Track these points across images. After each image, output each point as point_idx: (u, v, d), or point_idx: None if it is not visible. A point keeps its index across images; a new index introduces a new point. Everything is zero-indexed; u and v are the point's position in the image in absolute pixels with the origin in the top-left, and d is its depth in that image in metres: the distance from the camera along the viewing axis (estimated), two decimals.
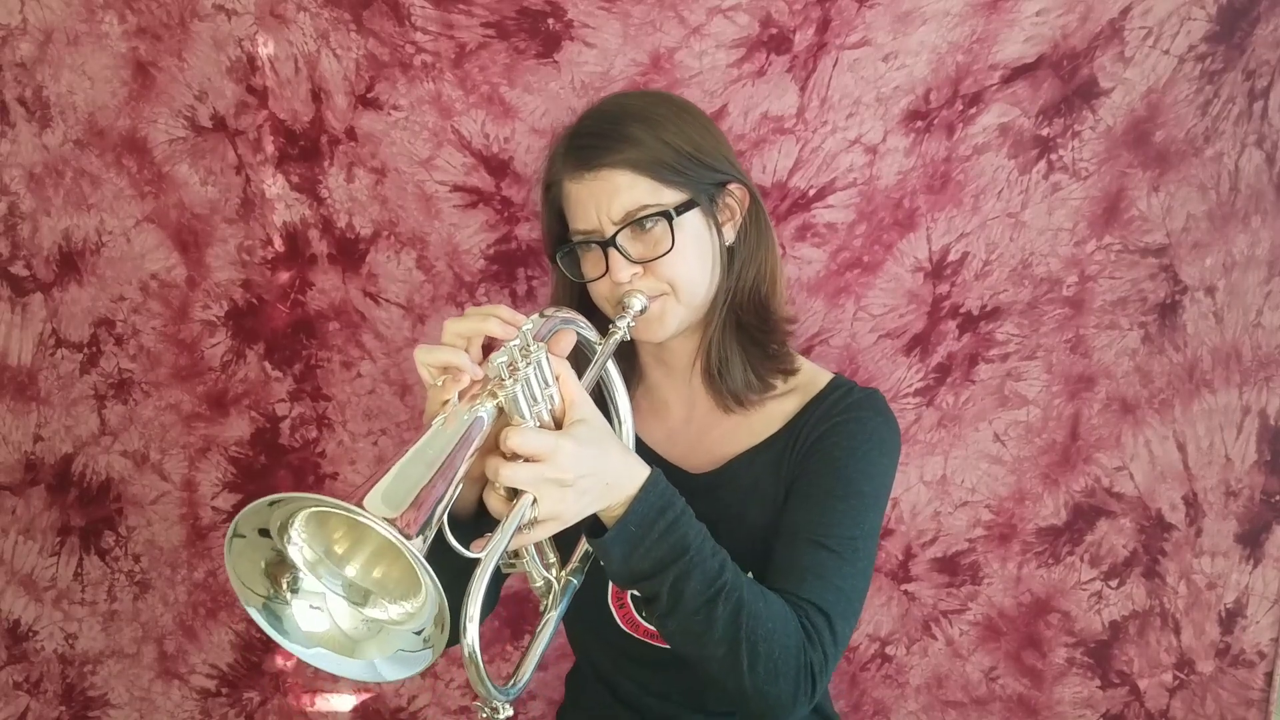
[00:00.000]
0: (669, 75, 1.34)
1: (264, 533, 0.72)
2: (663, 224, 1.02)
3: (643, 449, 1.16)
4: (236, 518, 0.70)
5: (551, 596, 0.95)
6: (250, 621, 1.56)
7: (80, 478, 1.51)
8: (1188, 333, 1.41)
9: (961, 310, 1.42)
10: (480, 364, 0.85)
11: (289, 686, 1.60)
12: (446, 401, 0.83)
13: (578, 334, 0.99)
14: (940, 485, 1.48)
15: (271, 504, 0.69)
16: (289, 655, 1.59)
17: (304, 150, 1.39)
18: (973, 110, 1.35)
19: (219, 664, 1.58)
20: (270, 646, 1.58)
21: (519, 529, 0.81)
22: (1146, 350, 1.42)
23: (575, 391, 0.88)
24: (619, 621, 1.13)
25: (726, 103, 1.35)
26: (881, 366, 1.45)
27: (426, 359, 0.85)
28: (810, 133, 1.36)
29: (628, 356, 1.19)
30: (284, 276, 1.45)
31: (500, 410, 0.82)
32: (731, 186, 1.08)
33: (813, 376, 1.15)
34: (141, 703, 1.59)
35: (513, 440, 0.81)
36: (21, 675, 1.58)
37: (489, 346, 0.86)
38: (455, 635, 0.73)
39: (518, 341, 0.83)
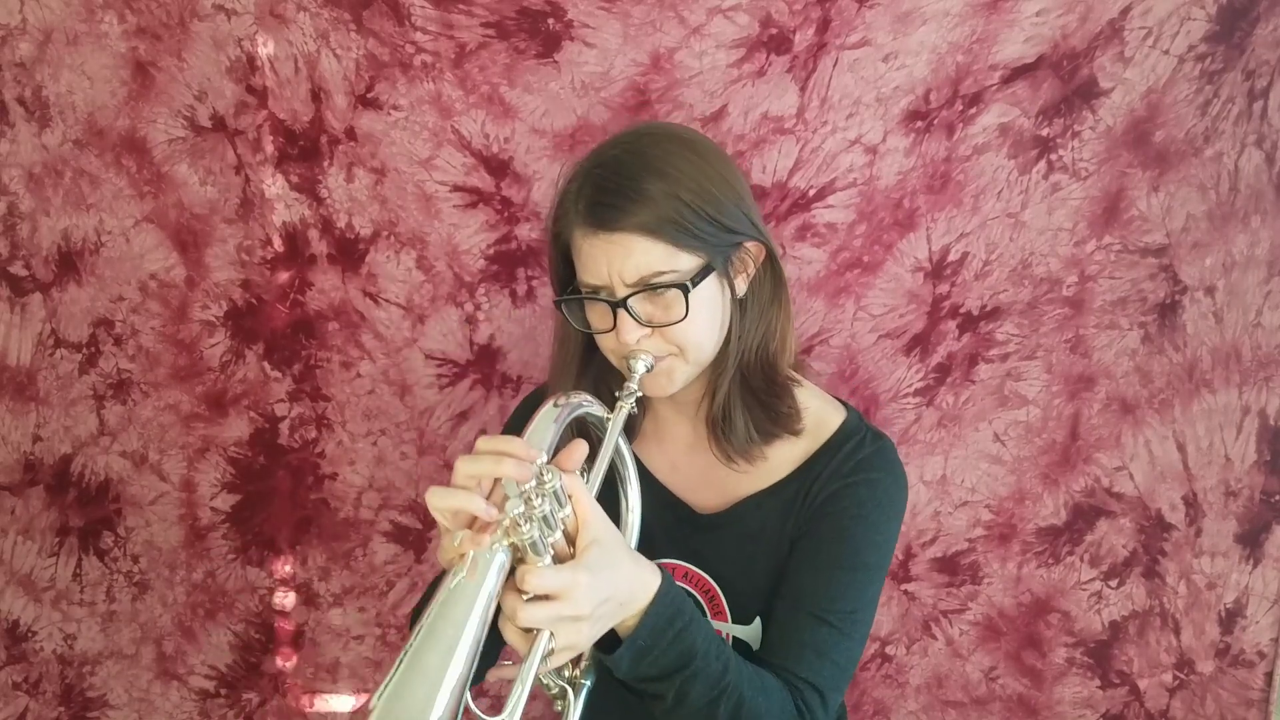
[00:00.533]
0: (669, 75, 1.34)
1: None
2: (676, 292, 0.98)
3: (648, 478, 1.15)
4: None
5: (568, 701, 0.95)
6: (249, 622, 1.56)
7: (79, 478, 1.51)
8: (1188, 333, 1.41)
9: (961, 310, 1.42)
10: (491, 495, 0.83)
11: (288, 687, 1.60)
12: (462, 555, 0.80)
13: (587, 414, 0.97)
14: (940, 485, 1.48)
15: None
16: (288, 656, 1.59)
17: (304, 150, 1.39)
18: (973, 110, 1.35)
19: (218, 665, 1.58)
20: (269, 647, 1.58)
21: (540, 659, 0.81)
22: (1146, 350, 1.42)
23: (589, 510, 0.86)
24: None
25: (726, 103, 1.35)
26: (881, 366, 1.45)
27: (439, 504, 0.82)
28: (810, 133, 1.36)
29: None
30: (283, 276, 1.44)
31: (516, 548, 0.82)
32: (748, 244, 1.04)
33: (821, 420, 1.11)
34: (140, 703, 1.59)
35: (530, 583, 0.80)
36: (20, 676, 1.58)
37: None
38: None
39: (532, 484, 0.81)
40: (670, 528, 1.13)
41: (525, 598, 0.80)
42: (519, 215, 1.40)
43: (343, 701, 1.61)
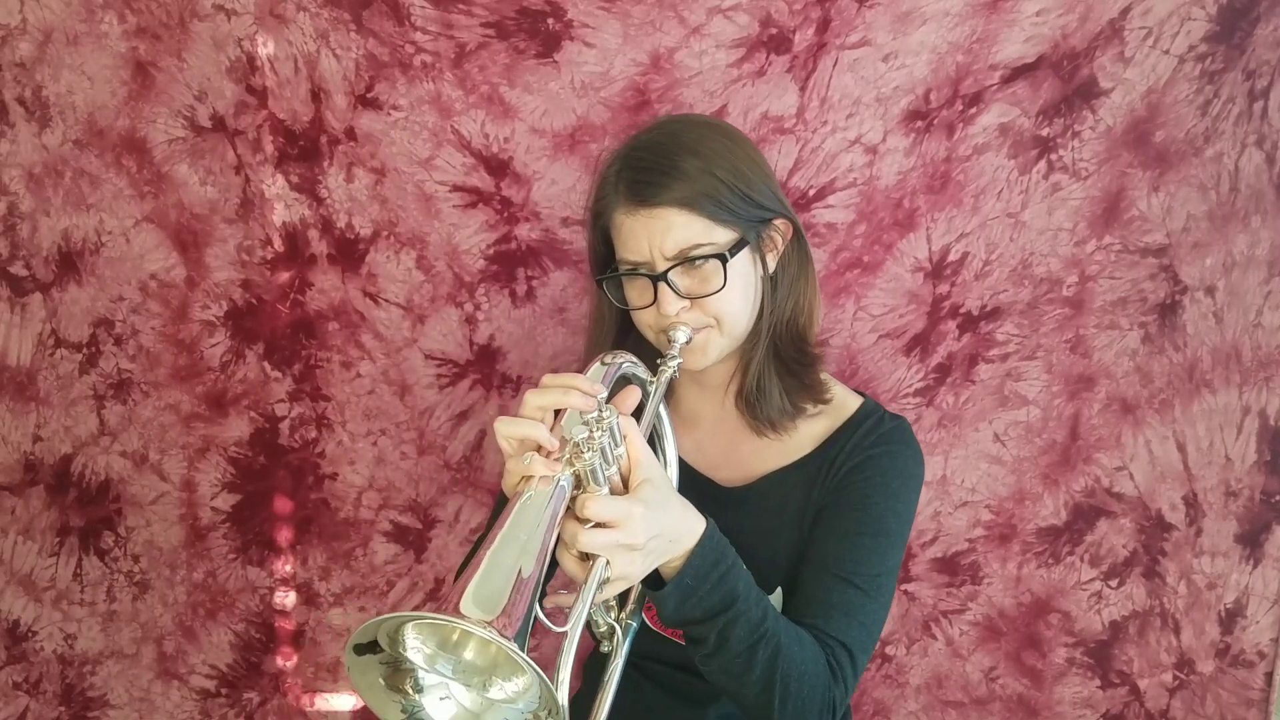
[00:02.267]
0: (669, 75, 1.34)
1: (367, 648, 0.76)
2: (714, 263, 1.03)
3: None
4: (349, 651, 0.75)
5: (615, 640, 1.01)
6: (249, 621, 1.57)
7: (79, 478, 1.51)
8: (1188, 333, 1.41)
9: (961, 310, 1.42)
10: (553, 429, 0.88)
11: (288, 687, 1.60)
12: (528, 478, 0.85)
13: (632, 374, 1.03)
14: (940, 485, 1.48)
15: (379, 625, 0.74)
16: (289, 655, 1.59)
17: (303, 150, 1.39)
18: (973, 110, 1.35)
19: (218, 664, 1.58)
20: (269, 647, 1.58)
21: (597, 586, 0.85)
22: (1146, 350, 1.42)
23: (642, 451, 0.91)
24: (648, 622, 1.17)
25: (726, 103, 1.35)
26: (881, 366, 1.45)
27: (507, 431, 0.88)
28: (810, 133, 1.36)
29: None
30: (283, 276, 1.44)
31: (578, 478, 0.86)
32: (777, 221, 1.10)
33: (843, 400, 1.18)
34: (141, 703, 1.59)
35: (590, 509, 0.84)
36: (21, 675, 1.58)
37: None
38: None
39: (594, 413, 0.87)
40: (696, 504, 1.15)
41: (586, 526, 0.85)
42: (519, 215, 1.40)
43: (343, 701, 1.61)
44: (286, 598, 1.57)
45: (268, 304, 1.45)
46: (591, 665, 1.37)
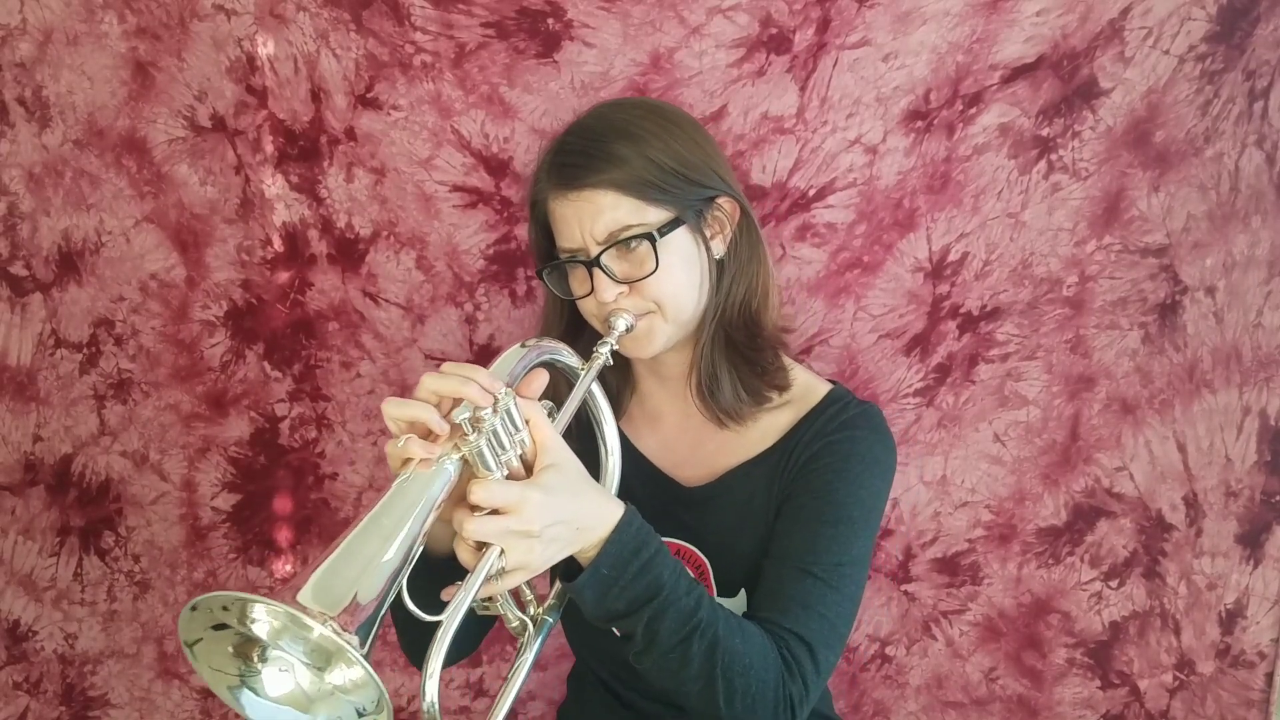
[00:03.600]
0: (669, 75, 1.34)
1: (219, 626, 0.73)
2: (646, 244, 1.01)
3: (637, 458, 1.16)
4: (180, 631, 0.72)
5: (526, 637, 0.95)
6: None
7: (80, 478, 1.51)
8: (1188, 333, 1.41)
9: (961, 310, 1.42)
10: (446, 416, 0.83)
11: None
12: (409, 460, 0.81)
13: (561, 364, 0.99)
14: (940, 485, 1.48)
15: (194, 608, 0.70)
16: None
17: (303, 150, 1.39)
18: (973, 110, 1.35)
19: None
20: None
21: (488, 579, 0.81)
22: (1146, 350, 1.42)
23: (547, 435, 0.87)
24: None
25: (726, 103, 1.35)
26: (881, 367, 1.45)
27: (395, 413, 0.83)
28: (810, 133, 1.36)
29: (621, 366, 1.18)
30: (283, 276, 1.45)
31: (466, 462, 0.82)
32: (720, 200, 1.07)
33: (809, 388, 1.14)
34: (141, 703, 1.59)
35: (477, 494, 0.81)
36: (21, 675, 1.58)
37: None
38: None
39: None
40: (661, 506, 1.13)
41: (478, 513, 0.81)
42: (519, 215, 1.40)
43: None
44: None
45: (268, 304, 1.45)
46: (573, 678, 1.36)
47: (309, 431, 1.50)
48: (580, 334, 1.13)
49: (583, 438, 1.04)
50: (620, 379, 1.18)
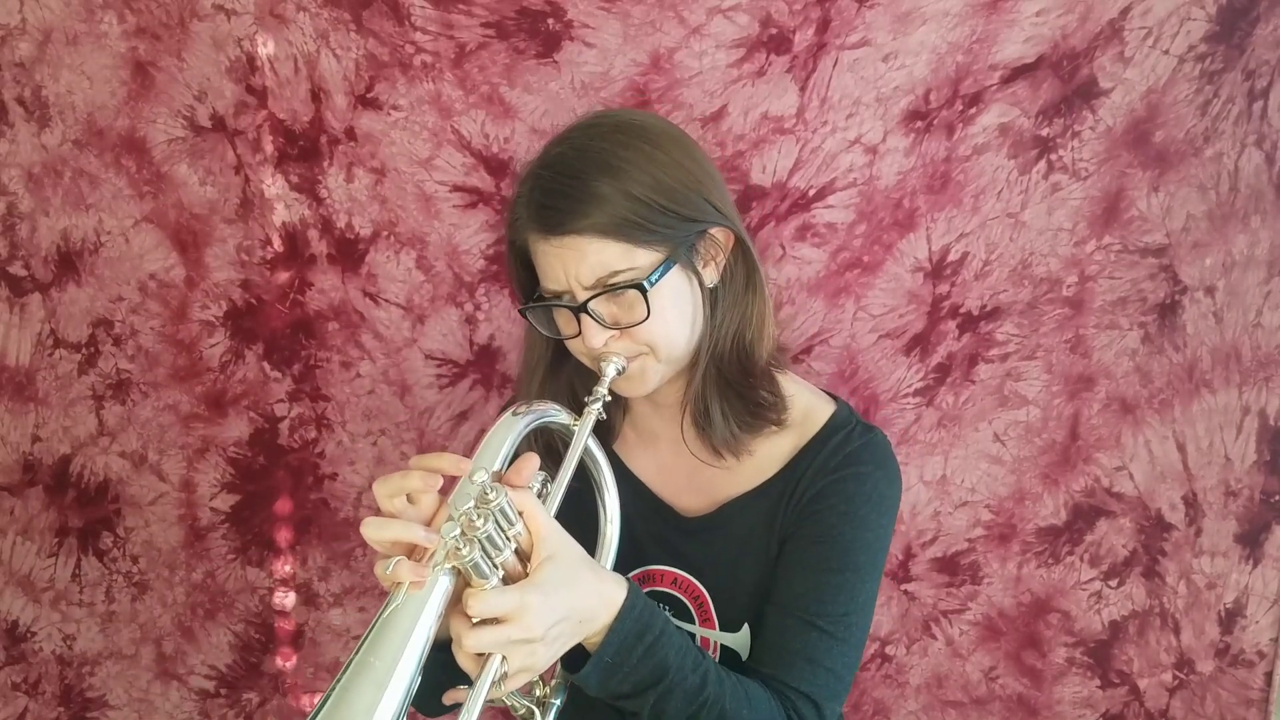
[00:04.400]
0: (669, 75, 1.34)
1: None
2: (635, 292, 0.94)
3: (633, 482, 1.13)
4: None
5: None
6: (249, 622, 1.56)
7: (78, 478, 1.51)
8: (1187, 333, 1.41)
9: (961, 310, 1.42)
10: (436, 513, 0.81)
11: (288, 687, 1.60)
12: (399, 584, 0.77)
13: (555, 424, 0.95)
14: (940, 485, 1.48)
15: None
16: (288, 656, 1.59)
17: (303, 150, 1.38)
18: (973, 110, 1.35)
19: (217, 665, 1.58)
20: (269, 647, 1.58)
21: (492, 683, 0.78)
22: (1146, 350, 1.42)
23: (542, 525, 0.83)
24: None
25: (726, 103, 1.35)
26: (881, 366, 1.45)
27: (375, 536, 0.79)
28: (810, 133, 1.36)
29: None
30: (283, 276, 1.44)
31: (459, 572, 0.79)
32: (713, 231, 1.00)
33: (809, 412, 1.08)
34: (140, 704, 1.59)
35: (473, 608, 0.77)
36: (20, 676, 1.58)
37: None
38: None
39: (470, 503, 0.79)
40: (658, 533, 1.11)
41: (473, 622, 0.78)
42: None
43: None
44: (286, 598, 1.56)
45: (267, 304, 1.45)
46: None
47: (308, 432, 1.50)
48: (564, 364, 1.09)
49: (577, 476, 0.98)
50: (613, 401, 1.11)
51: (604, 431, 1.07)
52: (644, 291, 0.94)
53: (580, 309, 0.96)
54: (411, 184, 1.39)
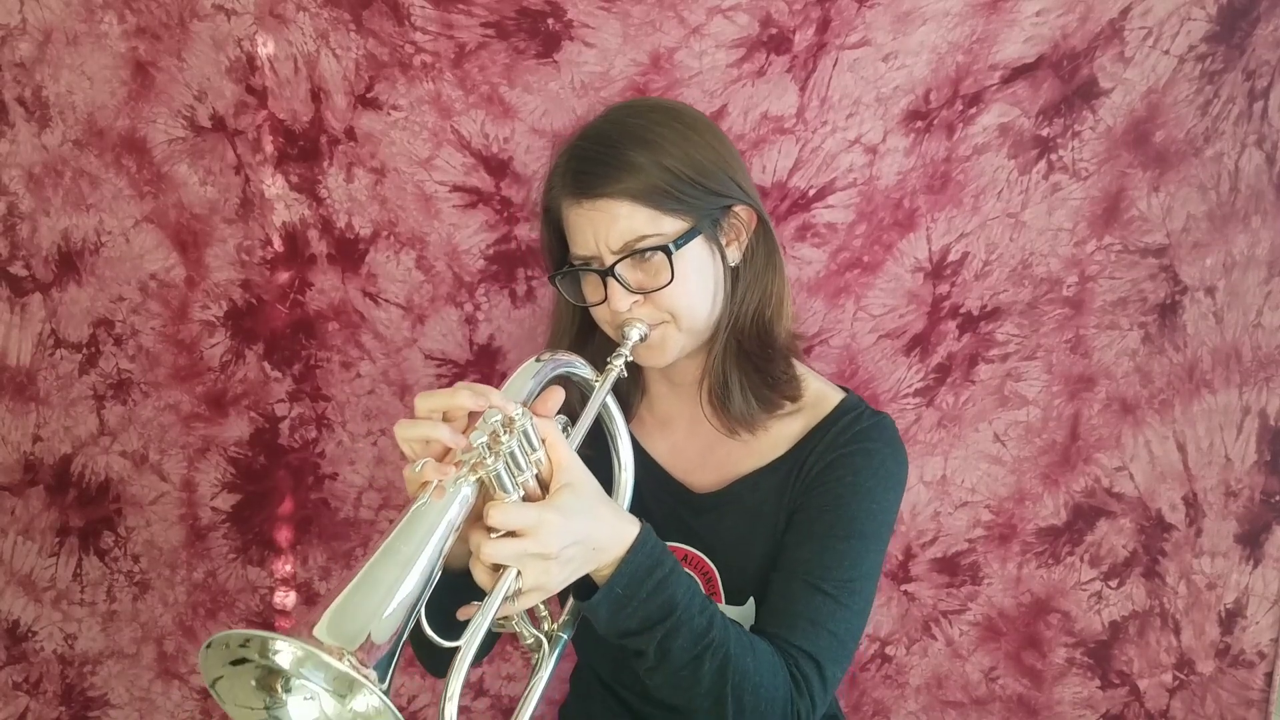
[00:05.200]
0: (669, 75, 1.34)
1: (238, 662, 0.73)
2: (662, 255, 0.99)
3: (647, 462, 1.15)
4: (202, 670, 0.72)
5: (542, 653, 0.95)
6: (250, 621, 1.56)
7: (79, 478, 1.51)
8: (1188, 333, 1.41)
9: (961, 310, 1.42)
10: (465, 432, 0.83)
11: None
12: (425, 484, 0.81)
13: (575, 375, 0.99)
14: (940, 485, 1.48)
15: (209, 646, 0.70)
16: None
17: (303, 150, 1.39)
18: (973, 110, 1.35)
19: None
20: None
21: (505, 600, 0.81)
22: (1146, 350, 1.42)
23: (563, 454, 0.87)
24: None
25: (726, 103, 1.35)
26: (881, 367, 1.45)
27: (406, 434, 0.83)
28: (810, 133, 1.36)
29: (633, 371, 1.16)
30: (283, 277, 1.44)
31: (484, 485, 0.82)
32: (737, 209, 1.05)
33: (821, 396, 1.12)
34: (141, 703, 1.59)
35: (494, 518, 0.80)
36: (21, 676, 1.58)
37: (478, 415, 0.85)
38: None
39: (498, 416, 0.82)
40: (670, 510, 1.13)
41: (494, 535, 0.81)
42: (519, 215, 1.40)
43: None
44: (287, 598, 1.57)
45: (268, 304, 1.45)
46: (576, 677, 1.36)
47: (309, 431, 1.50)
48: (591, 337, 1.13)
49: (594, 444, 1.03)
50: (631, 383, 1.17)
51: (622, 406, 1.10)
52: (669, 255, 0.99)
53: (607, 272, 1.00)
54: (411, 184, 1.39)
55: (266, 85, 1.36)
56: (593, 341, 1.12)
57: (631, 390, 1.18)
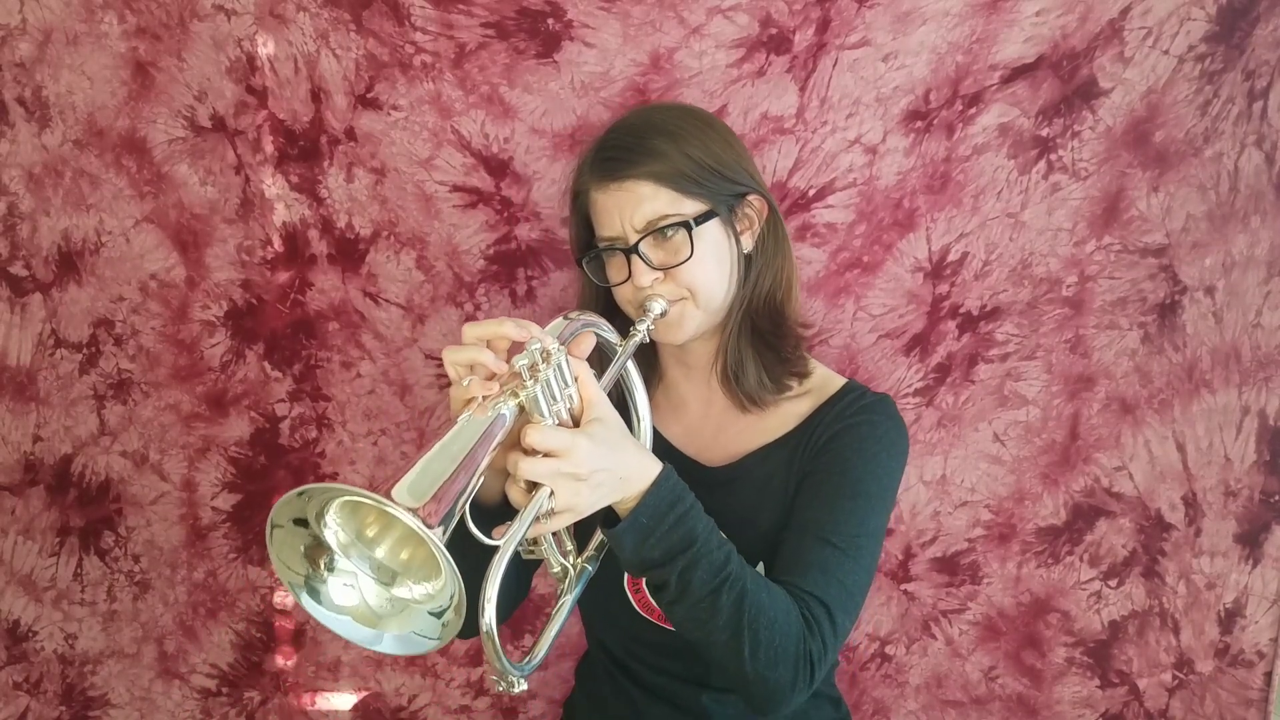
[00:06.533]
0: (669, 75, 1.34)
1: (300, 522, 0.79)
2: (682, 233, 1.07)
3: (661, 443, 1.21)
4: (272, 511, 0.77)
5: (568, 582, 1.03)
6: (250, 620, 1.57)
7: (80, 478, 1.51)
8: (1187, 333, 1.41)
9: (961, 310, 1.42)
10: (506, 362, 0.90)
11: (289, 686, 1.60)
12: (471, 400, 0.87)
13: (599, 336, 1.05)
14: (940, 485, 1.48)
15: (301, 494, 0.76)
16: (289, 654, 1.59)
17: (303, 150, 1.39)
18: (973, 110, 1.35)
19: (219, 664, 1.58)
20: (270, 646, 1.58)
21: (536, 519, 0.87)
22: (1146, 350, 1.42)
23: (593, 392, 0.94)
24: (635, 605, 1.18)
25: (726, 103, 1.35)
26: (881, 366, 1.45)
27: (454, 357, 0.90)
28: (810, 133, 1.36)
29: (649, 357, 1.25)
30: (283, 277, 1.45)
31: (522, 409, 0.88)
32: (751, 198, 1.13)
33: (827, 380, 1.20)
34: (142, 703, 1.59)
35: (532, 437, 0.86)
36: (21, 675, 1.58)
37: (514, 352, 0.91)
38: (470, 624, 0.80)
39: (539, 345, 0.88)
40: None
41: (530, 456, 0.87)
42: (519, 215, 1.40)
43: (343, 700, 1.61)
44: (287, 597, 1.57)
45: (268, 304, 1.45)
46: (583, 669, 1.37)
47: (309, 431, 1.50)
48: (612, 323, 1.16)
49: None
50: (646, 369, 1.23)
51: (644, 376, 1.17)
52: (689, 230, 1.07)
53: (631, 250, 1.08)
54: (411, 184, 1.39)
55: (267, 85, 1.36)
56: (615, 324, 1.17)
57: (648, 375, 1.23)
